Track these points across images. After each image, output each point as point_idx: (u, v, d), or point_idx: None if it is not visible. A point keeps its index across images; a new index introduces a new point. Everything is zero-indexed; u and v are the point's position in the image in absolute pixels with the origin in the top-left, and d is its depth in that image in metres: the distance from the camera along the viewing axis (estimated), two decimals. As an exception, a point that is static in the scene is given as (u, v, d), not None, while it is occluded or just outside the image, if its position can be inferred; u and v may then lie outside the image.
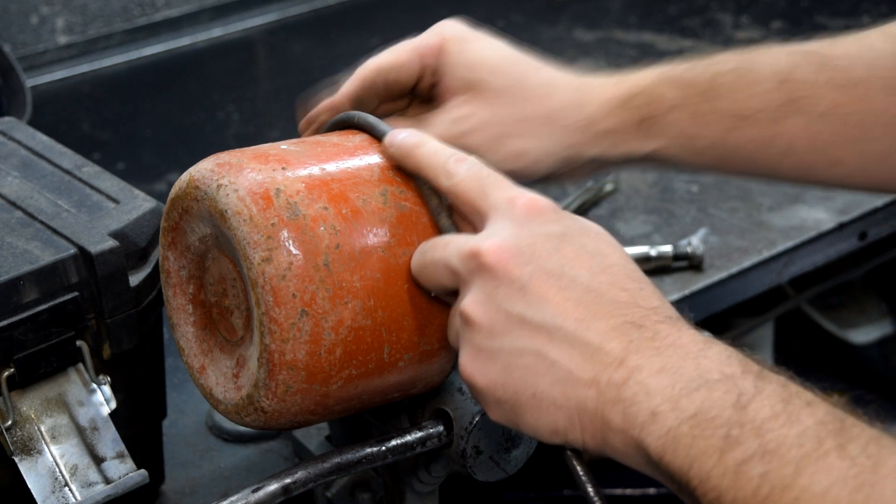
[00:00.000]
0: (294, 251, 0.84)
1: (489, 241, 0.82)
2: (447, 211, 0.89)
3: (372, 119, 0.94)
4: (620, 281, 0.81)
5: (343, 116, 0.96)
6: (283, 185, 0.86)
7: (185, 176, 0.90)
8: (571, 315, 0.79)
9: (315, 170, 0.88)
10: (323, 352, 0.85)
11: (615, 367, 0.77)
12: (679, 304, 1.37)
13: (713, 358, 0.76)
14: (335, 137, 0.94)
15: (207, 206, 0.87)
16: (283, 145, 0.92)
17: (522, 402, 0.80)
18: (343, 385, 0.87)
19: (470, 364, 0.82)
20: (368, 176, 0.90)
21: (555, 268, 0.80)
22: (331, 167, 0.89)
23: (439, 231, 0.89)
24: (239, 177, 0.86)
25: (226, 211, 0.85)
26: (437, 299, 0.88)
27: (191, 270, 0.93)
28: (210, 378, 0.92)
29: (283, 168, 0.87)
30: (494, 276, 0.81)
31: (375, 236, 0.87)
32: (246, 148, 0.92)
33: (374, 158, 0.91)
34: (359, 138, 0.94)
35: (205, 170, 0.88)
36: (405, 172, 0.91)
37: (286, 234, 0.84)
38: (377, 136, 0.93)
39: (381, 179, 0.90)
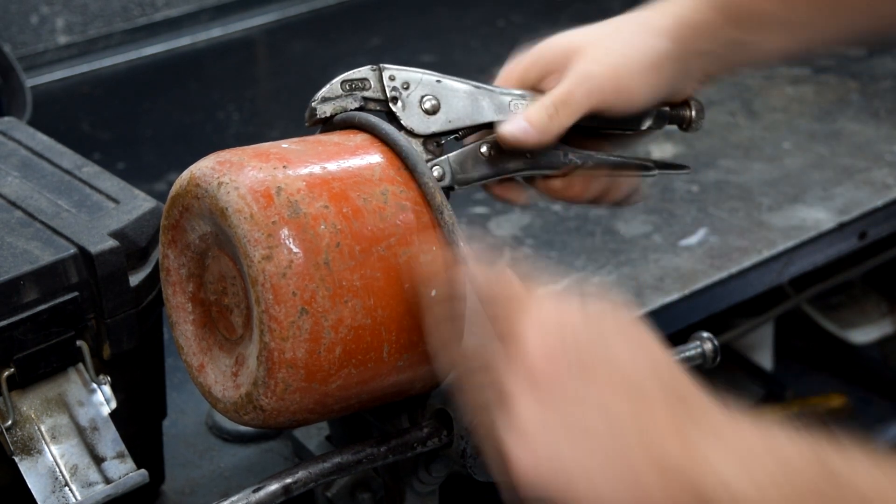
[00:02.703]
0: (294, 249, 0.84)
1: (530, 338, 0.80)
2: (448, 210, 0.89)
3: (373, 119, 0.94)
4: (666, 374, 0.79)
5: (344, 116, 0.96)
6: (284, 184, 0.86)
7: (185, 174, 0.90)
8: (625, 408, 0.77)
9: (316, 168, 0.88)
10: (322, 350, 0.85)
11: (680, 455, 0.75)
12: (679, 304, 1.37)
13: (782, 440, 0.74)
14: (336, 137, 0.94)
15: (208, 203, 0.87)
16: (284, 144, 0.92)
17: (573, 485, 0.77)
18: (342, 384, 0.87)
19: (519, 447, 0.78)
20: (369, 175, 0.90)
21: (602, 361, 0.79)
22: (332, 166, 0.89)
23: (440, 230, 0.89)
24: (240, 175, 0.86)
25: (226, 209, 0.85)
26: (439, 299, 0.88)
27: (190, 269, 0.93)
28: (209, 376, 0.92)
29: (283, 166, 0.87)
30: (540, 374, 0.79)
31: (376, 235, 0.87)
32: (247, 146, 0.92)
33: (374, 157, 0.91)
34: (360, 137, 0.94)
35: (205, 168, 0.88)
36: (406, 171, 0.91)
37: (287, 233, 0.84)
38: (378, 136, 0.93)
39: (382, 178, 0.90)
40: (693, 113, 1.07)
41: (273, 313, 0.83)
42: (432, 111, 0.97)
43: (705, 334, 1.10)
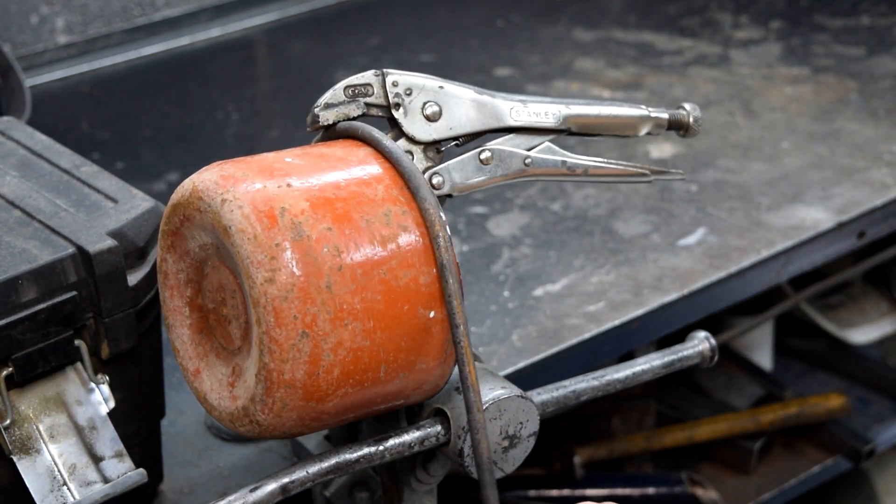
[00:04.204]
0: (297, 272, 0.84)
1: None
2: (447, 241, 0.89)
3: (377, 133, 0.94)
4: None
5: (347, 126, 0.96)
6: (288, 204, 0.86)
7: (187, 183, 0.89)
8: None
9: (320, 187, 0.88)
10: (321, 372, 0.85)
11: None
12: (678, 304, 1.37)
13: None
14: (339, 150, 0.93)
15: (210, 218, 0.87)
16: (288, 157, 0.91)
17: None
18: (339, 402, 0.87)
19: None
20: (372, 195, 0.89)
21: None
22: (335, 185, 0.89)
23: (438, 258, 0.89)
24: (243, 192, 0.86)
25: (230, 227, 0.85)
26: (436, 320, 0.89)
27: (189, 274, 0.93)
28: (205, 383, 0.92)
29: (287, 185, 0.87)
30: None
31: (377, 258, 0.87)
32: (250, 158, 0.91)
33: (377, 176, 0.91)
34: (363, 153, 0.93)
35: (209, 181, 0.88)
36: (408, 191, 0.91)
37: (290, 256, 0.84)
38: (382, 153, 0.93)
39: (385, 199, 0.89)
40: (690, 119, 1.07)
41: (274, 335, 0.84)
42: (434, 118, 0.97)
43: (703, 334, 1.10)
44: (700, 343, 1.09)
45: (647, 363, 1.06)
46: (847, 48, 1.96)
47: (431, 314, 0.89)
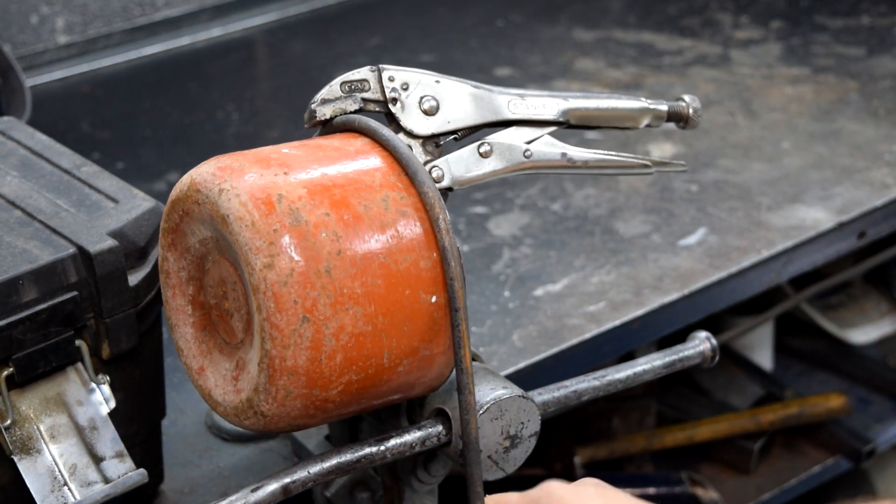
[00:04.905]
0: (296, 257, 0.84)
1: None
2: (446, 222, 0.89)
3: (373, 124, 0.94)
4: None
5: (344, 119, 0.96)
6: (285, 191, 0.86)
7: (185, 178, 0.90)
8: None
9: (317, 175, 0.88)
10: (324, 358, 0.85)
11: None
12: (678, 304, 1.37)
13: None
14: (336, 141, 0.94)
15: (209, 210, 0.87)
16: (285, 149, 0.92)
17: None
18: (343, 390, 0.87)
19: None
20: (370, 181, 0.90)
21: None
22: (332, 172, 0.89)
23: (439, 241, 0.89)
24: (241, 181, 0.86)
25: (228, 216, 0.85)
26: (438, 305, 0.89)
27: (190, 272, 0.93)
28: (209, 379, 0.92)
29: (284, 173, 0.87)
30: None
31: (377, 242, 0.87)
32: (247, 151, 0.91)
33: (375, 163, 0.91)
34: (360, 142, 0.94)
35: (206, 173, 0.88)
36: (406, 177, 0.91)
37: (288, 241, 0.84)
38: (378, 141, 0.93)
39: (383, 185, 0.90)
40: (690, 110, 1.07)
41: (274, 321, 0.84)
42: (431, 112, 0.97)
43: (704, 334, 1.10)
44: (701, 343, 1.09)
45: (648, 363, 1.06)
46: (847, 48, 1.96)
47: (433, 299, 0.89)
